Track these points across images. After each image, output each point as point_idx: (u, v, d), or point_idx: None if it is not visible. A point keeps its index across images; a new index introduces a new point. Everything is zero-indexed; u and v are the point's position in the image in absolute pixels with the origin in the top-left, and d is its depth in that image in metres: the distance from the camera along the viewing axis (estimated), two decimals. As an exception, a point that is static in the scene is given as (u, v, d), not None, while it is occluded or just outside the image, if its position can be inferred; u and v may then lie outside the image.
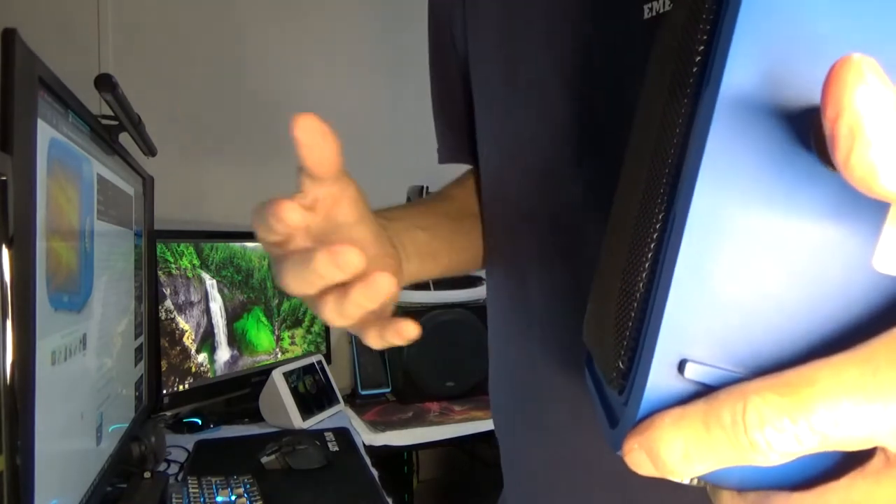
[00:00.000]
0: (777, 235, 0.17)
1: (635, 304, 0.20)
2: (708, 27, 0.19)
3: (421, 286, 1.62)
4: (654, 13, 0.40)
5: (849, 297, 0.18)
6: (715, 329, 0.18)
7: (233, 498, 1.00)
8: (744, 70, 0.17)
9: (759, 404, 0.16)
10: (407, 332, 0.38)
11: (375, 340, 0.39)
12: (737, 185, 0.17)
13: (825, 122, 0.15)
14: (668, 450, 0.17)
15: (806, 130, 0.17)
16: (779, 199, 0.17)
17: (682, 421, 0.17)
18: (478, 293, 1.65)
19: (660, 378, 0.18)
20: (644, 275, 0.20)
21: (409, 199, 1.71)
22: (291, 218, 0.34)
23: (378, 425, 1.44)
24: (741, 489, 0.20)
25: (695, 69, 0.19)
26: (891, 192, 0.15)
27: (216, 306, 1.47)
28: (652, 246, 0.20)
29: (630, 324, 0.20)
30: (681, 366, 0.18)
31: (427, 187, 1.61)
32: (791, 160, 0.17)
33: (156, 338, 1.30)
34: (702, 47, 0.19)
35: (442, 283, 1.61)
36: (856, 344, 0.17)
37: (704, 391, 0.18)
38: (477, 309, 1.62)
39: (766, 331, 0.18)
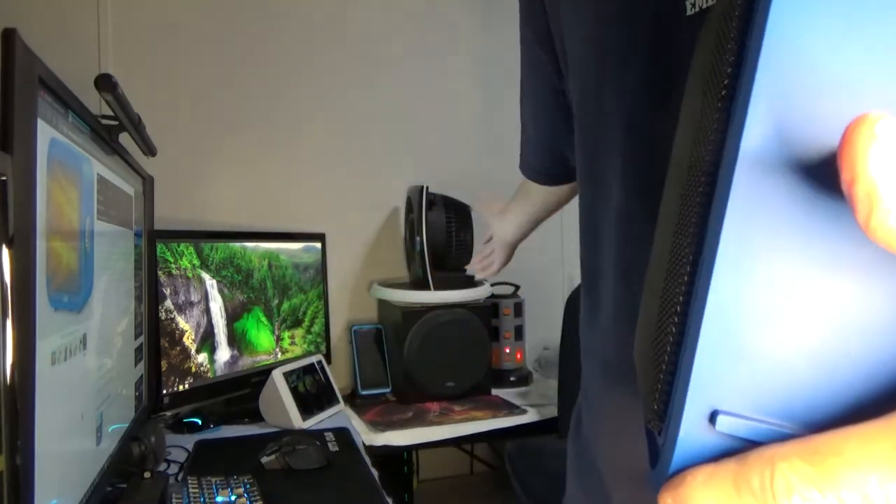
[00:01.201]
0: (810, 284, 0.17)
1: (668, 349, 0.20)
2: (732, 63, 0.18)
3: (421, 286, 1.62)
4: (697, 9, 0.40)
5: (893, 351, 0.17)
6: (747, 379, 0.17)
7: (233, 498, 1.00)
8: (766, 120, 0.16)
9: (786, 472, 0.16)
10: None
11: None
12: (765, 235, 0.17)
13: (843, 185, 0.15)
14: None
15: (836, 176, 0.16)
16: (811, 248, 0.17)
17: (713, 481, 0.17)
18: (478, 293, 1.65)
19: (692, 429, 0.18)
20: (677, 318, 0.20)
21: (408, 199, 1.71)
22: None
23: (378, 425, 1.44)
24: None
25: (719, 105, 0.19)
26: None
27: (216, 306, 1.47)
28: (683, 290, 0.19)
29: (664, 367, 0.20)
30: (712, 417, 0.18)
31: (427, 187, 1.61)
32: (821, 208, 0.16)
33: (156, 338, 1.30)
34: (725, 89, 0.18)
35: (442, 283, 1.61)
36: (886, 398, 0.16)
37: (738, 443, 0.18)
38: (477, 309, 1.62)
39: (802, 383, 0.17)
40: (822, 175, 0.16)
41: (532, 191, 0.97)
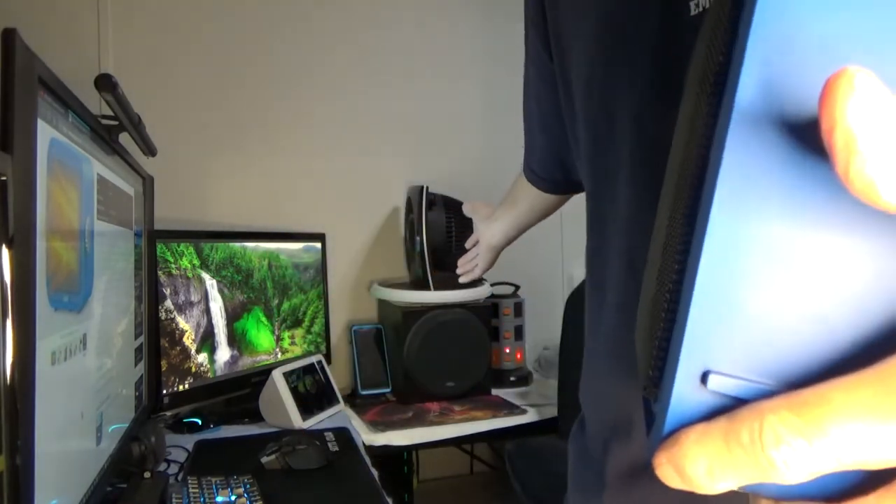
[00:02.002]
0: (799, 245, 0.17)
1: (664, 315, 0.20)
2: (726, 38, 0.19)
3: (421, 286, 1.62)
4: (700, 9, 0.40)
5: (879, 308, 0.17)
6: (737, 340, 0.18)
7: (233, 498, 1.00)
8: (758, 82, 0.17)
9: (774, 423, 0.16)
10: None
11: None
12: (756, 195, 0.17)
13: (823, 135, 0.15)
14: (693, 466, 0.18)
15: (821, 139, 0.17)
16: (800, 207, 0.17)
17: (705, 438, 0.18)
18: (478, 293, 1.65)
19: (685, 390, 0.19)
20: (671, 285, 0.20)
21: (408, 199, 1.71)
22: None
23: (378, 425, 1.44)
24: (778, 499, 0.20)
25: (713, 79, 0.19)
26: (894, 205, 0.15)
27: (216, 306, 1.47)
28: (678, 257, 0.20)
29: (659, 334, 0.21)
30: (704, 377, 0.18)
31: (427, 187, 1.61)
32: (811, 169, 0.17)
33: (156, 338, 1.30)
34: (720, 58, 0.19)
35: (442, 283, 1.61)
36: (887, 356, 0.17)
37: (730, 403, 0.18)
38: (477, 309, 1.62)
39: (791, 342, 0.18)
40: (810, 135, 0.17)
41: (519, 198, 0.98)
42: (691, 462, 0.18)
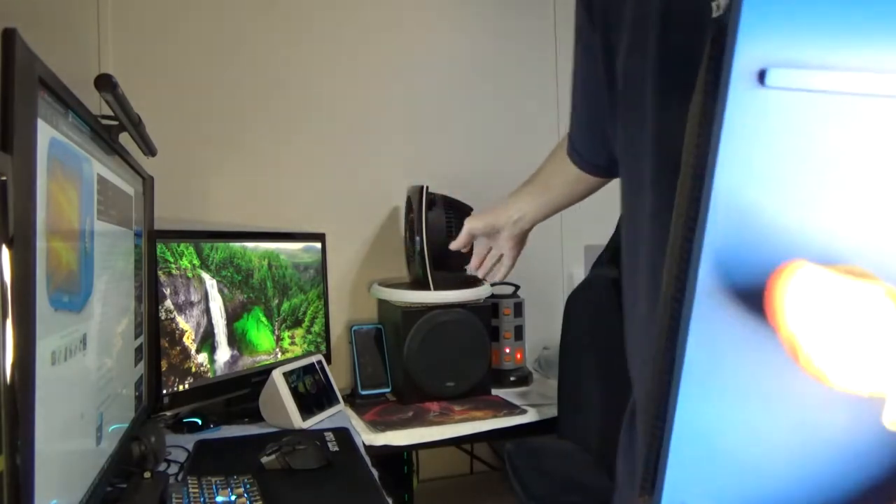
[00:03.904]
0: (776, 392, 0.18)
1: (653, 442, 0.22)
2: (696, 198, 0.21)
3: (421, 286, 1.62)
4: (721, 11, 0.41)
5: (856, 452, 0.18)
6: (712, 477, 0.19)
7: (233, 498, 1.00)
8: (713, 263, 0.19)
9: None
10: None
11: None
12: (724, 351, 0.19)
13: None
14: None
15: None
16: (765, 363, 0.18)
17: None
18: (478, 293, 1.65)
19: None
20: (657, 421, 0.22)
21: (408, 199, 1.71)
22: None
23: (378, 425, 1.44)
24: None
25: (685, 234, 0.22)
26: (844, 387, 0.17)
27: (216, 306, 1.47)
28: (661, 405, 0.22)
29: (647, 450, 0.22)
30: None
31: (427, 187, 1.61)
32: (766, 331, 0.18)
33: (156, 338, 1.30)
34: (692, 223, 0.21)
35: (442, 283, 1.61)
36: (866, 495, 0.18)
37: None
38: (477, 309, 1.62)
39: (769, 480, 0.19)
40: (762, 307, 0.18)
41: (554, 182, 1.01)
42: None
